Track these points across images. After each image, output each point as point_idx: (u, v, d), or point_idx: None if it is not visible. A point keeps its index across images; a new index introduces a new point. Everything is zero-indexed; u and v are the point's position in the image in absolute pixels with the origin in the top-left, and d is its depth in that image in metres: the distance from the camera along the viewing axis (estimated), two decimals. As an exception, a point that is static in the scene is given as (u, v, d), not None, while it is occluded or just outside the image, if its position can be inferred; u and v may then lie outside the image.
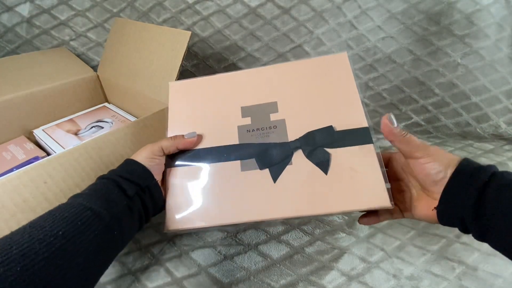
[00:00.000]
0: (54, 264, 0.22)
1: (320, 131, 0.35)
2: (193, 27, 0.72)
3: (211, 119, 0.38)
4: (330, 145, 0.34)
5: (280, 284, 0.39)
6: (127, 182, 0.31)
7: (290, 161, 0.35)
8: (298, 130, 0.36)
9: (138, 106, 0.60)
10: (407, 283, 0.39)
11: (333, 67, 0.38)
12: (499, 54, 0.69)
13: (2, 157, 0.49)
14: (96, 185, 0.31)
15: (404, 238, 0.46)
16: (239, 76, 0.40)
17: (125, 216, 0.29)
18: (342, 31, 0.72)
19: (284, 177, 0.34)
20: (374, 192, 0.32)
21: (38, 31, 0.72)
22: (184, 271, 0.41)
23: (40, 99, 0.58)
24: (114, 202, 0.29)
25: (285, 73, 0.39)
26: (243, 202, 0.34)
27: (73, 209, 0.26)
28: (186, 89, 0.41)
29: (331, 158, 0.34)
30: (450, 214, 0.29)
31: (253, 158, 0.35)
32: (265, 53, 0.74)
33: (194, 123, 0.39)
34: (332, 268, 0.41)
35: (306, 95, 0.38)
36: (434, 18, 0.68)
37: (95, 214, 0.27)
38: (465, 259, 0.42)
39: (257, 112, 0.38)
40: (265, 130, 0.37)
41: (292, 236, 0.46)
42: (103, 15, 0.72)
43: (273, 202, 0.33)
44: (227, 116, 0.38)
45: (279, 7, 0.70)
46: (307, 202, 0.33)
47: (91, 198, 0.28)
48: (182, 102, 0.40)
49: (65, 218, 0.25)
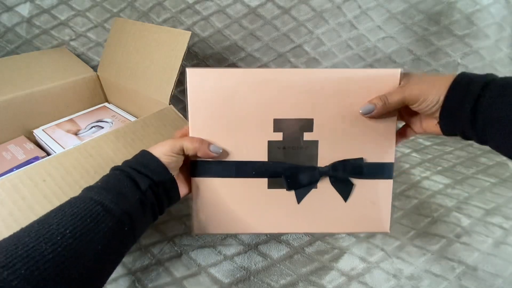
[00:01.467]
0: (60, 265, 0.22)
1: (350, 162, 0.35)
2: (193, 27, 0.72)
3: (240, 126, 0.34)
4: (356, 176, 0.36)
5: (280, 284, 0.39)
6: (140, 176, 0.30)
7: (316, 186, 0.36)
8: (329, 155, 0.35)
9: (138, 106, 0.60)
10: (407, 283, 0.39)
11: (381, 86, 0.33)
12: (499, 54, 0.69)
13: (2, 157, 0.49)
14: (108, 176, 0.30)
15: (404, 238, 0.46)
16: (274, 75, 0.34)
17: (137, 211, 0.29)
18: (342, 31, 0.72)
19: (307, 198, 0.36)
20: (381, 221, 0.37)
21: (38, 31, 0.72)
22: (184, 271, 0.41)
23: (40, 99, 0.58)
24: (125, 196, 0.28)
25: (329, 83, 0.33)
26: (267, 216, 0.36)
27: (83, 204, 0.26)
28: (209, 80, 0.34)
29: (354, 187, 0.36)
30: (451, 127, 0.31)
31: (282, 176, 0.35)
32: (265, 53, 0.74)
33: (220, 126, 0.34)
34: (332, 268, 0.41)
35: (345, 116, 0.34)
36: (434, 18, 0.68)
37: (105, 209, 0.26)
38: (465, 259, 0.42)
39: (290, 128, 0.34)
40: (296, 149, 0.35)
41: (292, 236, 0.46)
42: (103, 15, 0.72)
43: (294, 219, 0.36)
44: (257, 126, 0.34)
45: (279, 7, 0.70)
46: (325, 222, 0.37)
47: (102, 192, 0.27)
48: (205, 95, 0.34)
49: (74, 215, 0.25)
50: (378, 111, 0.33)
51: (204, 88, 0.34)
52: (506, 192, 0.55)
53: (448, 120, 0.31)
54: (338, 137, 0.35)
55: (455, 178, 0.59)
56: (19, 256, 0.21)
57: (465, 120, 0.29)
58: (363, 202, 0.36)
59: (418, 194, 0.55)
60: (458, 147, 0.70)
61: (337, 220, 0.37)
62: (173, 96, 0.52)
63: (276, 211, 0.36)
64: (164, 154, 0.32)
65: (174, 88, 0.51)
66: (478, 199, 0.53)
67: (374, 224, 0.37)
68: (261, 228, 0.37)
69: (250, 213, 0.36)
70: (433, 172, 0.61)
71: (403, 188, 0.57)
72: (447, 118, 0.31)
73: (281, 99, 0.34)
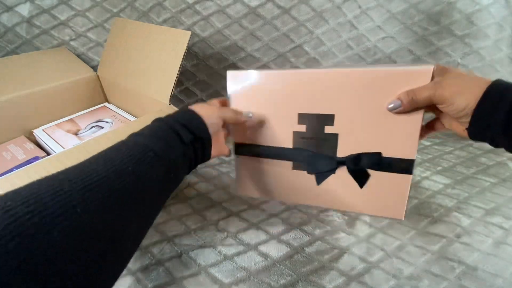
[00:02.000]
0: (128, 197, 0.23)
1: (368, 156, 0.37)
2: (193, 27, 0.72)
3: (270, 118, 0.41)
4: (373, 168, 0.38)
5: (280, 284, 0.39)
6: (184, 130, 0.32)
7: (334, 172, 0.40)
8: (347, 147, 0.38)
9: (138, 106, 0.60)
10: (407, 283, 0.39)
11: (411, 84, 0.33)
12: (499, 54, 0.69)
13: (2, 157, 0.49)
14: (154, 127, 0.31)
15: (404, 238, 0.46)
16: (301, 76, 0.38)
17: (181, 161, 0.31)
18: (342, 31, 0.72)
19: (327, 181, 0.41)
20: (396, 209, 0.39)
21: (38, 31, 0.72)
22: (184, 271, 0.41)
23: (40, 99, 0.58)
24: (172, 147, 0.30)
25: (354, 81, 0.35)
26: (292, 190, 0.44)
27: (138, 148, 0.27)
28: (245, 81, 0.40)
29: (370, 177, 0.39)
30: (480, 135, 0.31)
31: (303, 162, 0.41)
32: (265, 53, 0.74)
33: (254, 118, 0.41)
34: (332, 268, 0.41)
35: (366, 113, 0.36)
36: (434, 18, 0.68)
37: (157, 156, 0.27)
38: (465, 259, 0.42)
39: (313, 121, 0.39)
40: (317, 140, 0.39)
41: (292, 236, 0.46)
42: (103, 15, 0.72)
43: (315, 195, 0.43)
44: (284, 118, 0.40)
45: (279, 7, 0.70)
46: (342, 202, 0.42)
47: (152, 139, 0.29)
48: (242, 93, 0.41)
49: (131, 156, 0.25)
50: (404, 107, 0.34)
51: (241, 88, 0.41)
52: (506, 192, 0.55)
53: (478, 127, 0.31)
54: (358, 132, 0.37)
55: (455, 178, 0.59)
56: (95, 181, 0.22)
57: (497, 128, 0.29)
58: (379, 190, 0.39)
59: (418, 194, 0.55)
60: (458, 147, 0.70)
61: (354, 202, 0.41)
62: (173, 96, 0.52)
63: (299, 188, 0.43)
64: (208, 115, 0.35)
65: (174, 88, 0.51)
66: (478, 199, 0.53)
67: (390, 210, 0.40)
68: (287, 199, 0.47)
69: (278, 186, 0.44)
70: (433, 172, 0.61)
71: (403, 188, 0.57)
72: (477, 126, 0.31)
73: (305, 96, 0.38)
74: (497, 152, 0.67)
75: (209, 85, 0.77)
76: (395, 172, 0.37)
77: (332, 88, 0.36)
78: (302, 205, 0.52)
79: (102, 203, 0.21)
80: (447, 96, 0.31)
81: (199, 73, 0.76)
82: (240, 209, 0.52)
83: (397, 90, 0.34)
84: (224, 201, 0.53)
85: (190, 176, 0.60)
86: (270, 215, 0.50)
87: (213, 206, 0.52)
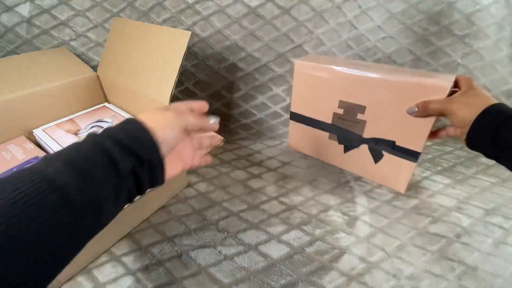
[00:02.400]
0: None
1: (385, 142, 0.49)
2: (193, 27, 0.72)
3: (319, 101, 0.54)
4: (387, 151, 0.50)
5: (280, 284, 0.39)
6: (122, 154, 0.24)
7: (358, 147, 0.53)
8: (372, 131, 0.50)
9: (138, 106, 0.60)
10: (407, 283, 0.39)
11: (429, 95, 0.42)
12: (499, 54, 0.69)
13: (2, 157, 0.49)
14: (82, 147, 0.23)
15: (404, 238, 0.46)
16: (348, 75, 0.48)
17: (107, 201, 0.23)
18: (342, 31, 0.72)
19: (352, 152, 0.55)
20: (399, 183, 0.52)
21: (38, 31, 0.72)
22: (184, 271, 0.41)
23: (40, 99, 0.58)
24: (95, 182, 0.22)
25: (386, 86, 0.45)
26: (328, 153, 0.59)
27: (37, 185, 0.19)
28: (308, 71, 0.53)
29: (383, 157, 0.51)
30: (476, 146, 0.39)
31: (336, 135, 0.55)
32: (265, 53, 0.74)
33: (309, 100, 0.55)
34: (332, 268, 0.41)
35: (390, 110, 0.46)
36: (434, 18, 0.68)
37: (63, 198, 0.20)
38: (465, 259, 0.42)
39: (349, 107, 0.50)
40: (350, 122, 0.51)
41: (292, 236, 0.46)
42: (103, 15, 0.72)
43: (340, 159, 0.58)
44: (328, 101, 0.53)
45: (279, 7, 0.70)
46: (361, 169, 0.56)
47: (67, 170, 0.21)
48: (304, 81, 0.54)
49: (23, 193, 0.19)
50: (419, 113, 0.44)
51: (303, 76, 0.54)
52: (506, 192, 0.55)
53: (474, 138, 0.38)
54: (381, 122, 0.48)
55: (455, 178, 0.59)
56: None
57: (487, 141, 0.36)
58: (388, 168, 0.51)
59: (418, 194, 0.55)
60: (458, 147, 0.70)
61: (369, 171, 0.54)
62: (173, 96, 0.52)
63: (331, 152, 0.58)
64: (162, 127, 0.27)
65: (174, 88, 0.51)
66: (478, 199, 0.53)
67: (393, 183, 0.51)
68: (320, 157, 0.61)
69: (316, 147, 0.60)
70: (433, 172, 0.61)
71: (403, 188, 0.57)
72: (473, 137, 0.38)
73: (348, 89, 0.49)
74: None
75: (209, 85, 0.77)
76: (403, 158, 0.48)
77: (369, 87, 0.47)
78: (304, 202, 0.52)
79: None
80: (453, 110, 0.39)
81: (199, 73, 0.76)
82: (240, 209, 0.52)
83: (418, 98, 0.43)
84: (224, 201, 0.53)
85: (190, 176, 0.60)
86: (270, 215, 0.50)
87: (213, 206, 0.53)
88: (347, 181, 0.59)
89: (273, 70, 0.75)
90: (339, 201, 0.53)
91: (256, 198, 0.54)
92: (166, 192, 0.53)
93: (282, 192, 0.56)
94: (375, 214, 0.51)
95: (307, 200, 0.54)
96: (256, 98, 0.78)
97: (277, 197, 0.55)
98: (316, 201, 0.53)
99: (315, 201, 0.53)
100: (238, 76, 0.76)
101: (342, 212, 0.51)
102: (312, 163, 0.64)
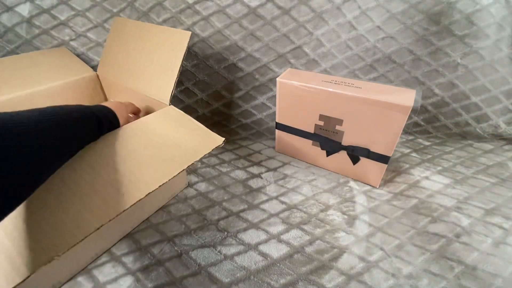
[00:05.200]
0: None
1: (361, 149, 0.55)
2: (193, 27, 0.72)
3: (302, 113, 0.59)
4: (363, 155, 0.56)
5: (280, 284, 0.39)
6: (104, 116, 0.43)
7: (338, 152, 0.59)
8: (349, 140, 0.56)
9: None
10: (406, 282, 0.39)
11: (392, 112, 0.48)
12: (499, 54, 0.69)
13: (2, 157, 0.49)
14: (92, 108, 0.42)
15: (403, 237, 0.46)
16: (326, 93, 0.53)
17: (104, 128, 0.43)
18: (341, 32, 0.72)
19: (332, 156, 0.60)
20: (374, 180, 0.58)
21: (38, 31, 0.72)
22: (184, 271, 0.41)
23: (40, 99, 0.58)
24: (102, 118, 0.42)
25: (358, 101, 0.50)
26: (310, 156, 0.64)
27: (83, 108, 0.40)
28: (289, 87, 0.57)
29: (360, 160, 0.57)
30: None
31: (319, 142, 0.61)
32: (265, 54, 0.74)
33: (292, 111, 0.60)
34: (331, 268, 0.41)
35: (364, 123, 0.52)
36: (434, 18, 0.68)
37: (93, 116, 0.40)
38: (464, 258, 0.42)
39: (329, 120, 0.56)
40: (330, 132, 0.57)
41: (292, 235, 0.46)
42: (103, 15, 0.72)
43: (323, 161, 0.63)
44: (310, 113, 0.58)
45: (279, 8, 0.70)
46: (341, 170, 0.61)
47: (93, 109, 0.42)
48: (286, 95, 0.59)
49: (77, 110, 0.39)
50: None
51: (286, 91, 0.58)
52: (506, 192, 0.55)
53: None
54: (357, 133, 0.54)
55: (455, 178, 0.59)
56: None
57: None
58: (364, 168, 0.57)
59: (418, 194, 0.55)
60: (458, 147, 0.70)
61: (347, 171, 0.60)
62: (173, 96, 0.52)
63: (314, 156, 0.63)
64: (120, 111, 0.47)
65: (174, 88, 0.51)
66: (478, 199, 0.53)
67: (369, 180, 0.58)
68: (305, 160, 0.66)
69: (300, 152, 0.65)
70: (433, 172, 0.61)
71: (403, 188, 0.57)
72: None
73: (326, 104, 0.55)
74: (497, 152, 0.68)
75: (209, 85, 0.77)
76: (376, 161, 0.55)
77: (344, 103, 0.52)
78: (303, 202, 0.52)
79: None
80: None
81: (199, 73, 0.76)
82: (240, 209, 0.52)
83: (386, 113, 0.48)
84: (224, 201, 0.54)
85: (190, 176, 0.60)
86: (270, 215, 0.50)
87: (213, 206, 0.53)
88: (346, 181, 0.59)
89: (273, 70, 0.75)
90: (339, 201, 0.54)
91: (256, 198, 0.54)
92: (166, 192, 0.53)
93: (282, 192, 0.56)
94: (375, 213, 0.51)
95: (307, 199, 0.54)
96: (256, 98, 0.78)
97: (277, 197, 0.55)
98: (315, 201, 0.54)
99: (315, 201, 0.54)
100: (238, 76, 0.76)
101: (342, 211, 0.51)
102: (312, 163, 0.64)
